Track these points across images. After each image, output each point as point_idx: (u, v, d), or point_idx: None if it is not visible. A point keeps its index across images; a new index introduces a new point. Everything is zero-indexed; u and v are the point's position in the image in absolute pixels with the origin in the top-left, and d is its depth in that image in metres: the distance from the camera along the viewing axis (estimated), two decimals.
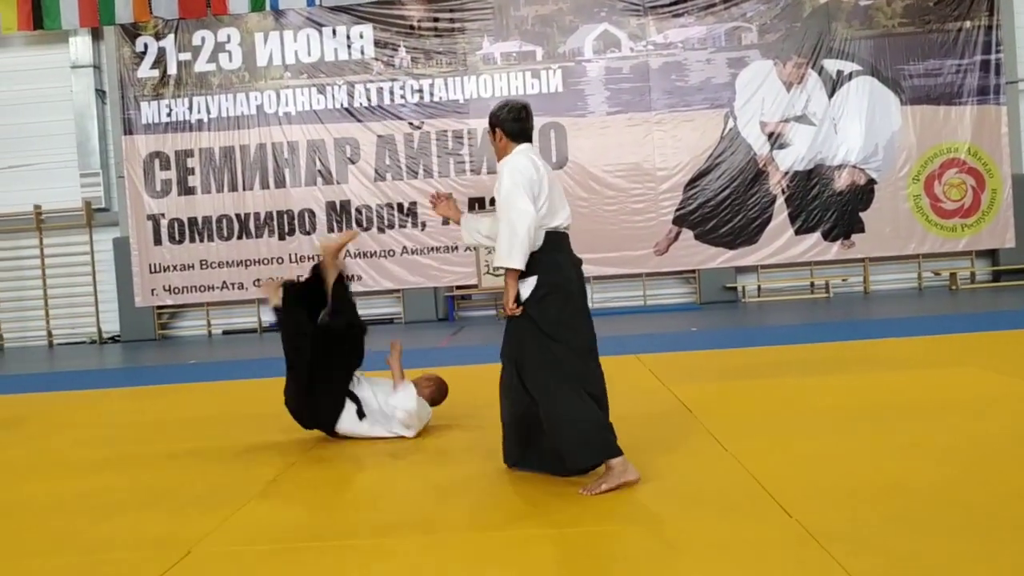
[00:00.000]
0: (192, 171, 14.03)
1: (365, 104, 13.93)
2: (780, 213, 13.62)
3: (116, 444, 5.10)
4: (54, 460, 4.79)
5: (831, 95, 13.60)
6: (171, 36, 13.98)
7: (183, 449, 4.82)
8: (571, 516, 3.15)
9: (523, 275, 3.65)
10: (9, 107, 14.41)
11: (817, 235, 13.61)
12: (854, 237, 13.60)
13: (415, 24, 13.94)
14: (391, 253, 13.71)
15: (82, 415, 6.42)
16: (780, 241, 13.63)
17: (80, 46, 14.36)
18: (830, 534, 2.73)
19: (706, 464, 3.75)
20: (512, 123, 3.83)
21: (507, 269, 3.60)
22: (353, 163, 13.93)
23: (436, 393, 4.99)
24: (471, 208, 13.65)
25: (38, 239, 14.35)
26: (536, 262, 3.66)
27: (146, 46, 14.03)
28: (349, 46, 13.95)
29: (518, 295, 3.67)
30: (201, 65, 14.01)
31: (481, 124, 13.75)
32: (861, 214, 13.61)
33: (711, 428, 4.36)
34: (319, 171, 13.96)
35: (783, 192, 13.62)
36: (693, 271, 13.95)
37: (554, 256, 3.76)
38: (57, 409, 6.82)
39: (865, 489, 3.23)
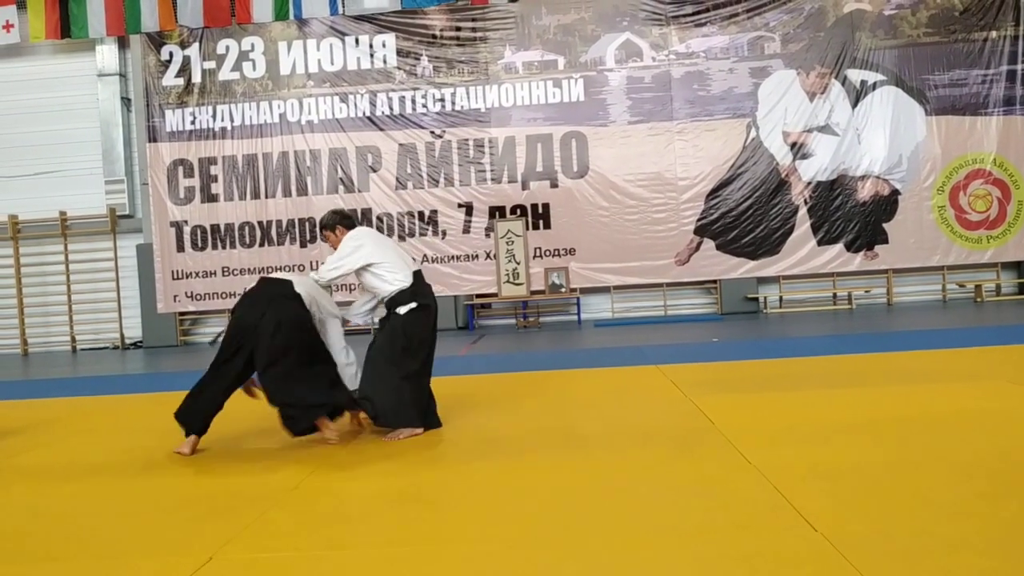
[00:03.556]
0: (215, 178, 14.13)
1: (387, 113, 13.99)
2: (803, 223, 13.54)
3: (138, 449, 5.12)
4: (76, 464, 4.81)
5: (855, 105, 13.52)
6: (196, 45, 14.12)
7: (204, 455, 4.83)
8: (593, 532, 3.12)
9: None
10: (36, 115, 14.59)
11: (840, 246, 13.51)
12: (877, 248, 13.50)
13: (437, 33, 13.99)
14: (412, 261, 13.73)
15: (104, 420, 6.45)
16: (802, 252, 13.55)
17: (107, 55, 14.54)
18: (856, 548, 2.68)
19: (728, 476, 3.71)
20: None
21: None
22: (375, 171, 13.99)
23: None
24: (492, 216, 13.68)
25: (63, 245, 14.52)
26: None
27: (171, 54, 14.18)
28: (372, 55, 14.03)
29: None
30: (225, 73, 14.13)
31: (503, 133, 13.80)
32: (885, 225, 13.50)
33: (733, 440, 4.32)
34: (341, 179, 14.02)
35: (806, 202, 13.54)
36: (714, 281, 13.88)
37: None
38: (80, 413, 6.86)
39: (891, 503, 3.18)
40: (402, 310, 5.08)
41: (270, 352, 4.62)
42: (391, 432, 4.96)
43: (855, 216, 13.50)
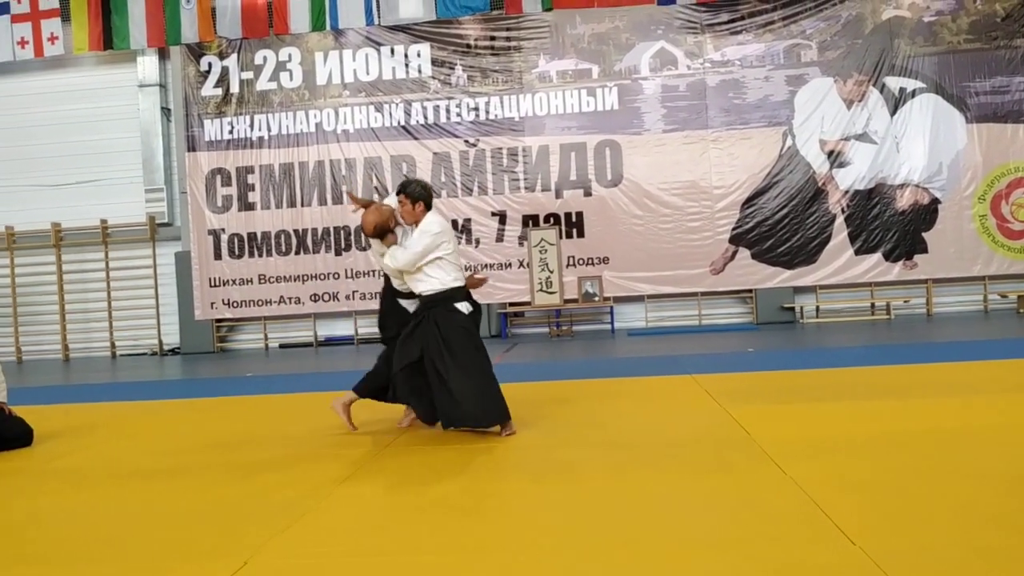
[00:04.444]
0: (252, 187, 14.30)
1: (422, 122, 14.07)
2: (840, 232, 13.39)
3: (174, 454, 5.18)
4: (114, 468, 4.88)
5: (893, 113, 13.35)
6: (234, 55, 14.32)
7: (240, 460, 4.88)
8: (627, 542, 3.10)
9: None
10: (79, 124, 14.88)
11: (878, 255, 13.33)
12: (917, 258, 13.30)
13: (472, 43, 14.05)
14: None
15: (142, 425, 6.54)
16: (840, 261, 13.39)
17: (147, 65, 14.78)
18: (895, 561, 2.64)
19: (765, 488, 3.67)
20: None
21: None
22: None
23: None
24: (525, 224, 13.70)
25: (104, 253, 14.76)
26: None
27: (210, 65, 14.38)
28: (407, 65, 14.12)
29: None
30: (263, 83, 14.31)
31: (536, 141, 13.82)
32: (924, 234, 13.30)
33: (769, 451, 4.27)
34: (376, 188, 14.11)
35: (843, 211, 13.39)
36: (750, 291, 13.76)
37: None
38: (118, 418, 6.96)
39: (930, 516, 3.13)
40: (464, 308, 5.18)
41: None
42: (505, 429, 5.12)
43: (894, 225, 13.32)
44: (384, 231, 5.24)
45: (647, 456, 4.41)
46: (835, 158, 13.41)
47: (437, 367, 5.02)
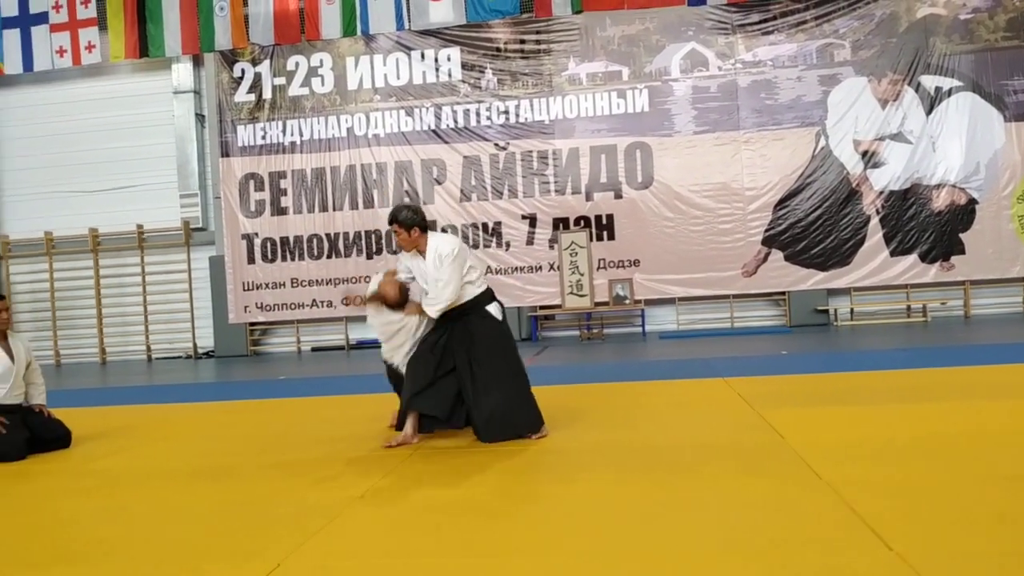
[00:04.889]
0: (285, 192, 14.44)
1: (452, 126, 14.12)
2: (874, 234, 13.22)
3: (209, 456, 5.23)
4: (150, 469, 4.93)
5: (929, 112, 13.16)
6: (267, 62, 14.46)
7: (273, 462, 4.91)
8: (660, 546, 3.08)
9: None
10: (115, 131, 15.12)
11: (914, 256, 13.15)
12: (954, 259, 13.10)
13: (502, 46, 14.08)
14: None
15: (178, 427, 6.61)
16: (874, 263, 13.22)
17: (182, 72, 14.98)
18: (933, 567, 2.59)
19: (800, 492, 3.62)
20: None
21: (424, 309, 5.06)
22: (439, 184, 14.11)
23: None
24: (556, 227, 13.69)
25: (140, 257, 14.98)
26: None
27: (243, 71, 14.54)
28: (437, 69, 14.18)
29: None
30: (295, 89, 14.44)
31: (567, 144, 13.81)
32: (961, 235, 13.10)
33: (804, 455, 4.22)
34: (406, 191, 14.18)
35: (878, 212, 13.22)
36: (783, 293, 13.64)
37: None
38: (154, 421, 7.05)
39: (971, 521, 3.07)
40: (494, 311, 5.18)
41: None
42: (538, 433, 5.14)
43: (930, 226, 13.13)
44: (406, 296, 5.12)
45: (680, 460, 4.38)
46: (869, 158, 13.25)
47: (475, 377, 5.04)
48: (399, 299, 5.06)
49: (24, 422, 5.53)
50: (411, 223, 5.09)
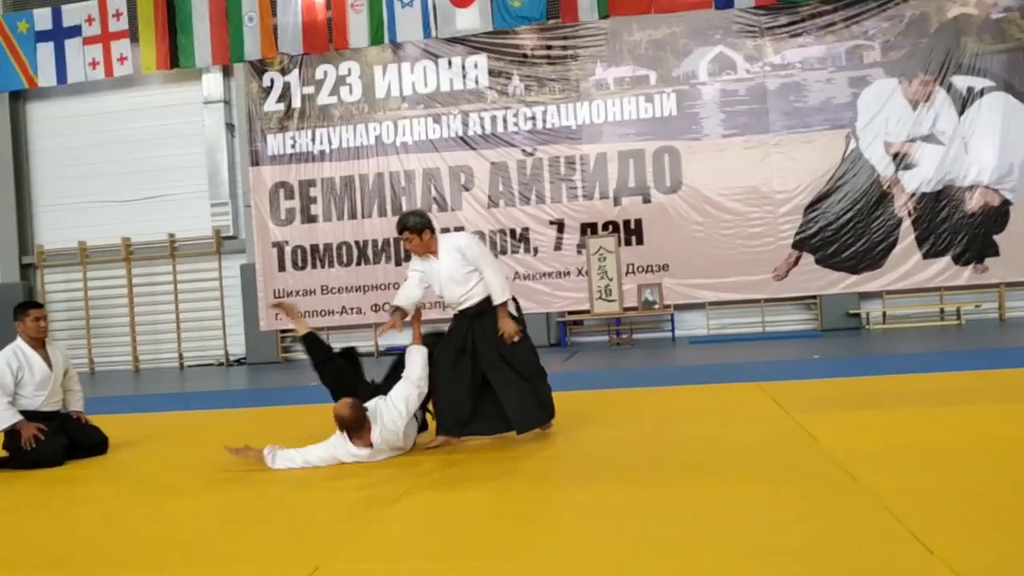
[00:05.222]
0: (314, 200, 14.54)
1: (479, 132, 14.15)
2: (906, 236, 13.07)
3: (243, 462, 5.27)
4: (185, 475, 4.98)
5: (961, 113, 12.99)
6: (295, 71, 14.59)
7: (304, 469, 4.93)
8: (695, 550, 3.06)
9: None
10: (147, 142, 15.32)
11: (947, 259, 12.97)
12: (988, 261, 12.90)
13: (528, 52, 14.10)
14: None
15: (211, 433, 6.66)
16: (907, 265, 13.07)
17: (212, 83, 15.15)
18: (977, 572, 2.56)
19: (837, 496, 3.59)
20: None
21: (505, 302, 5.15)
22: (467, 190, 14.15)
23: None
24: (583, 232, 13.66)
25: (171, 266, 15.15)
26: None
27: (272, 81, 14.67)
28: (464, 76, 14.22)
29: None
30: (323, 98, 14.54)
31: (594, 149, 13.80)
32: (995, 237, 12.91)
33: (840, 459, 4.18)
34: (434, 198, 14.23)
35: (909, 214, 13.07)
36: (814, 297, 13.51)
37: None
38: (187, 427, 7.12)
39: (1013, 525, 3.03)
40: (512, 310, 5.26)
41: None
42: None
43: (963, 228, 12.95)
44: (363, 414, 4.89)
45: (714, 464, 4.35)
46: (901, 160, 13.11)
47: (506, 373, 5.14)
48: (355, 418, 4.84)
49: (62, 428, 5.61)
50: (421, 227, 5.17)
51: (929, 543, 2.85)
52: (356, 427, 4.85)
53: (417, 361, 5.19)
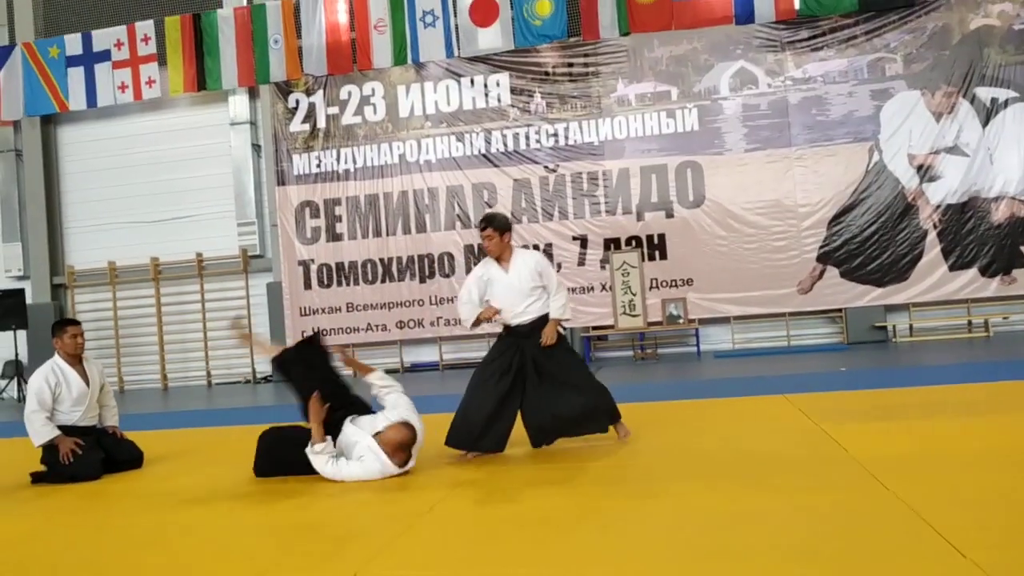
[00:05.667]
0: (339, 218, 14.69)
1: (502, 149, 14.26)
2: (932, 248, 13.01)
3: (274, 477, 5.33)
4: (221, 489, 5.04)
5: (985, 124, 12.95)
6: (320, 92, 14.78)
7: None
8: (727, 558, 3.09)
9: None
10: (175, 163, 15.57)
11: (974, 270, 12.89)
12: (1016, 272, 12.80)
13: (550, 70, 14.21)
14: None
15: (240, 449, 6.73)
16: (933, 278, 12.99)
17: (238, 104, 15.38)
18: (1010, 574, 2.57)
19: (867, 503, 3.60)
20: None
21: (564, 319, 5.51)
22: (490, 207, 14.24)
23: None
24: (607, 248, 13.71)
25: (199, 285, 15.33)
26: None
27: (297, 102, 14.88)
28: (486, 94, 14.36)
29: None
30: (347, 118, 14.73)
31: (617, 165, 13.87)
32: (1022, 248, 12.82)
33: (869, 468, 4.19)
34: (458, 215, 14.34)
35: (935, 226, 13.02)
36: (839, 310, 13.46)
37: None
38: (217, 443, 7.21)
39: None
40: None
41: None
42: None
43: (989, 239, 12.87)
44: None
45: (743, 473, 4.37)
46: (925, 172, 13.07)
47: (561, 382, 5.30)
48: (408, 440, 4.90)
49: (99, 443, 5.71)
50: (505, 227, 5.43)
51: (961, 547, 2.87)
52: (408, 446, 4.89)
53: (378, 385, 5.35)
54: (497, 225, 5.36)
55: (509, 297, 5.33)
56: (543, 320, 5.36)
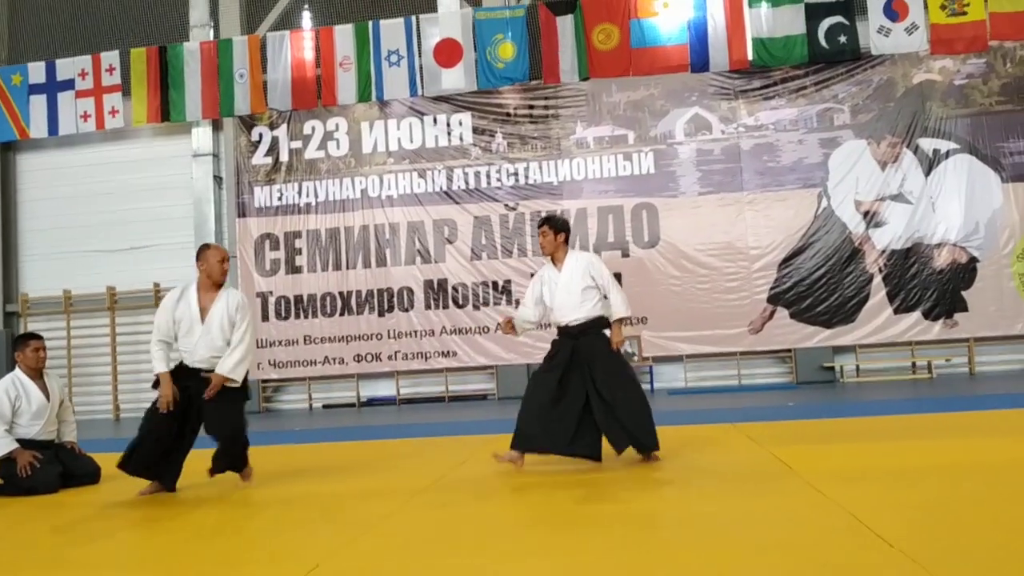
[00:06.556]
0: (299, 251, 14.77)
1: (463, 187, 14.51)
2: (878, 292, 13.46)
3: (239, 492, 5.40)
4: (182, 501, 5.10)
5: (928, 173, 13.52)
6: (284, 126, 14.95)
7: (301, 492, 5.09)
8: (675, 551, 3.25)
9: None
10: (136, 193, 15.55)
11: (917, 314, 13.35)
12: (957, 316, 13.29)
13: (511, 111, 14.55)
14: (485, 330, 13.96)
15: (193, 468, 6.77)
16: (879, 320, 13.43)
17: (201, 136, 15.46)
18: (934, 560, 2.77)
19: (806, 506, 3.81)
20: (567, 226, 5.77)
21: (624, 317, 5.52)
22: (451, 243, 14.44)
23: None
24: None
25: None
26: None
27: (261, 135, 15.02)
28: (449, 133, 14.64)
29: None
30: (311, 152, 14.89)
31: (575, 205, 14.17)
32: (963, 293, 13.32)
33: (811, 480, 4.39)
34: (418, 251, 14.50)
35: (880, 271, 13.48)
36: (789, 350, 13.81)
37: None
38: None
39: (967, 525, 3.26)
40: (606, 331, 5.54)
41: None
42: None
43: (932, 284, 13.37)
44: None
45: (692, 484, 4.56)
46: (871, 218, 13.57)
47: (613, 390, 5.30)
48: None
49: (57, 457, 5.73)
50: (560, 227, 5.68)
51: (890, 539, 3.07)
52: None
53: None
54: (553, 224, 5.63)
55: (561, 297, 5.53)
56: (596, 322, 5.48)
